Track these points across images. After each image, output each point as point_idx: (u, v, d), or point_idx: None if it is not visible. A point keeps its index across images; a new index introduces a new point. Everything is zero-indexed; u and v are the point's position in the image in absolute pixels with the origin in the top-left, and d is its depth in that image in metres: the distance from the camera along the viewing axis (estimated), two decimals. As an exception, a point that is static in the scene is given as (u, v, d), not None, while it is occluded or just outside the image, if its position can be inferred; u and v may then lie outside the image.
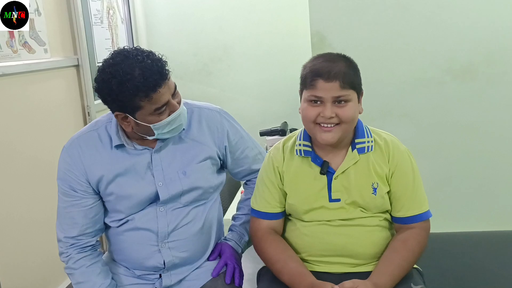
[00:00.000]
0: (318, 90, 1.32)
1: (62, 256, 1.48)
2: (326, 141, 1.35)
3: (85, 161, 1.44)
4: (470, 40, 2.19)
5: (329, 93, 1.31)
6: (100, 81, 1.33)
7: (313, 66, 1.35)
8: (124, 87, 1.28)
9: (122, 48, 1.36)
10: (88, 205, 1.45)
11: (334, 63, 1.33)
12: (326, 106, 1.32)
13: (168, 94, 1.35)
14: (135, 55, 1.31)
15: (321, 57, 1.38)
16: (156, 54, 1.35)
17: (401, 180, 1.40)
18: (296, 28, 3.12)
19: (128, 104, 1.32)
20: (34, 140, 2.31)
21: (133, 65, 1.29)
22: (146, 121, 1.35)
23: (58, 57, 2.53)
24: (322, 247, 1.41)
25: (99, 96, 1.36)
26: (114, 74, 1.29)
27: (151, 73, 1.29)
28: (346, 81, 1.31)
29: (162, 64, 1.33)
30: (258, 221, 1.49)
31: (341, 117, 1.33)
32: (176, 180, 1.46)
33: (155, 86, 1.30)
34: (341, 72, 1.31)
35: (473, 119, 2.27)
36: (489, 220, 2.32)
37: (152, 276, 1.52)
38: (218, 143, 1.53)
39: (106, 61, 1.34)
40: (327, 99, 1.32)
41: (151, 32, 3.42)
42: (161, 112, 1.35)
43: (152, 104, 1.32)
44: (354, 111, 1.34)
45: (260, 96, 3.38)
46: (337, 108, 1.33)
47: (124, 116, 1.36)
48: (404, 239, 1.39)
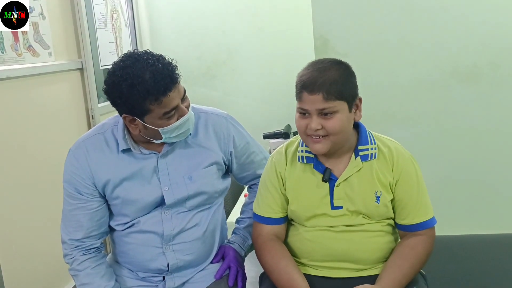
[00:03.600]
0: (303, 103, 1.31)
1: (67, 258, 1.47)
2: (317, 152, 1.35)
3: (91, 164, 1.43)
4: (475, 43, 2.19)
5: (313, 105, 1.29)
6: (110, 84, 1.32)
7: (301, 77, 1.32)
8: (134, 90, 1.28)
9: (132, 51, 1.36)
10: (93, 208, 1.45)
11: (323, 72, 1.30)
12: (312, 118, 1.31)
13: (177, 98, 1.35)
14: (145, 59, 1.31)
15: (313, 65, 1.34)
16: (166, 58, 1.35)
17: (406, 188, 1.38)
18: (300, 32, 3.12)
19: (137, 107, 1.32)
20: (38, 142, 2.31)
21: (144, 69, 1.29)
22: (154, 124, 1.35)
23: (62, 61, 2.54)
24: (324, 252, 1.40)
25: (108, 99, 1.36)
26: (124, 77, 1.29)
27: (162, 77, 1.29)
28: (332, 92, 1.28)
29: (172, 68, 1.33)
30: (260, 226, 1.48)
31: (327, 129, 1.30)
32: (182, 185, 1.46)
33: (166, 90, 1.30)
34: (326, 83, 1.28)
35: (477, 123, 2.26)
36: (493, 223, 2.31)
37: (156, 278, 1.52)
38: (224, 149, 1.53)
39: (116, 63, 1.33)
40: (313, 112, 1.30)
41: (155, 36, 3.43)
42: (170, 116, 1.35)
43: (161, 108, 1.32)
44: (341, 122, 1.31)
45: (264, 99, 3.38)
46: (323, 120, 1.30)
47: (132, 118, 1.36)
48: (413, 246, 1.37)
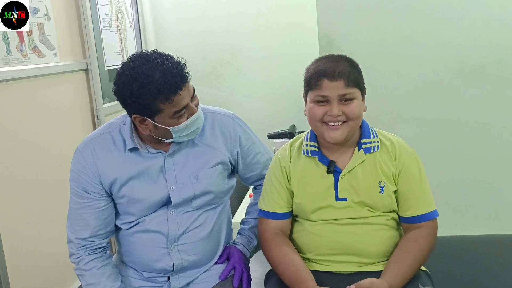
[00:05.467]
0: (324, 90, 1.35)
1: (73, 257, 1.47)
2: (334, 139, 1.37)
3: (98, 163, 1.43)
4: (481, 41, 2.17)
5: (335, 91, 1.34)
6: (120, 84, 1.32)
7: (317, 67, 1.37)
8: (145, 89, 1.28)
9: (140, 52, 1.36)
10: (100, 207, 1.45)
11: (338, 63, 1.36)
12: (332, 104, 1.35)
13: (187, 97, 1.35)
14: (155, 58, 1.31)
15: (324, 58, 1.41)
16: (175, 57, 1.35)
17: (408, 179, 1.40)
18: (304, 31, 3.12)
19: (148, 107, 1.32)
20: (44, 143, 2.32)
21: (154, 68, 1.29)
22: (165, 124, 1.35)
23: (68, 61, 2.54)
24: (330, 246, 1.41)
25: (118, 99, 1.36)
26: (134, 77, 1.29)
27: (172, 76, 1.29)
28: (351, 79, 1.34)
29: (181, 67, 1.33)
30: (266, 222, 1.49)
31: (348, 114, 1.35)
32: (188, 185, 1.46)
33: (176, 88, 1.30)
34: (345, 71, 1.34)
35: (483, 122, 2.24)
36: (498, 223, 2.30)
37: (161, 278, 1.52)
38: (231, 148, 1.53)
39: (125, 64, 1.33)
40: (333, 98, 1.34)
41: (160, 36, 3.44)
42: (181, 115, 1.35)
43: (172, 107, 1.32)
44: (359, 108, 1.37)
45: (269, 99, 3.38)
46: (343, 106, 1.35)
47: (142, 119, 1.36)
48: (415, 239, 1.38)
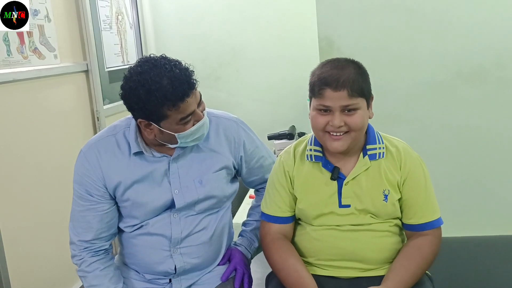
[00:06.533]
0: (326, 100, 1.30)
1: (75, 259, 1.47)
2: (336, 150, 1.35)
3: (103, 166, 1.43)
4: (480, 43, 2.17)
5: (337, 102, 1.29)
6: (127, 89, 1.31)
7: (321, 74, 1.32)
8: (152, 95, 1.28)
9: (148, 56, 1.35)
10: (104, 210, 1.45)
11: (343, 70, 1.31)
12: (334, 115, 1.31)
13: (194, 104, 1.34)
14: (163, 64, 1.30)
15: (330, 63, 1.35)
16: (183, 64, 1.34)
17: (413, 187, 1.39)
18: (304, 33, 3.12)
19: (154, 112, 1.31)
20: (44, 144, 2.32)
21: (162, 74, 1.28)
22: (171, 129, 1.35)
23: (68, 63, 2.55)
24: (331, 252, 1.40)
25: (124, 104, 1.35)
26: (142, 82, 1.28)
27: (179, 83, 1.29)
28: (355, 89, 1.29)
29: (189, 74, 1.33)
30: (268, 225, 1.49)
31: (350, 125, 1.31)
32: (192, 189, 1.46)
33: (183, 96, 1.29)
34: (350, 80, 1.29)
35: (483, 123, 2.24)
36: (499, 224, 2.30)
37: (162, 280, 1.52)
38: (235, 153, 1.53)
39: (133, 69, 1.32)
40: (336, 108, 1.30)
41: (160, 37, 3.44)
42: (187, 121, 1.34)
43: (178, 114, 1.32)
44: (363, 118, 1.33)
45: (268, 100, 3.38)
46: (346, 117, 1.31)
47: (148, 123, 1.35)
48: (419, 246, 1.37)
